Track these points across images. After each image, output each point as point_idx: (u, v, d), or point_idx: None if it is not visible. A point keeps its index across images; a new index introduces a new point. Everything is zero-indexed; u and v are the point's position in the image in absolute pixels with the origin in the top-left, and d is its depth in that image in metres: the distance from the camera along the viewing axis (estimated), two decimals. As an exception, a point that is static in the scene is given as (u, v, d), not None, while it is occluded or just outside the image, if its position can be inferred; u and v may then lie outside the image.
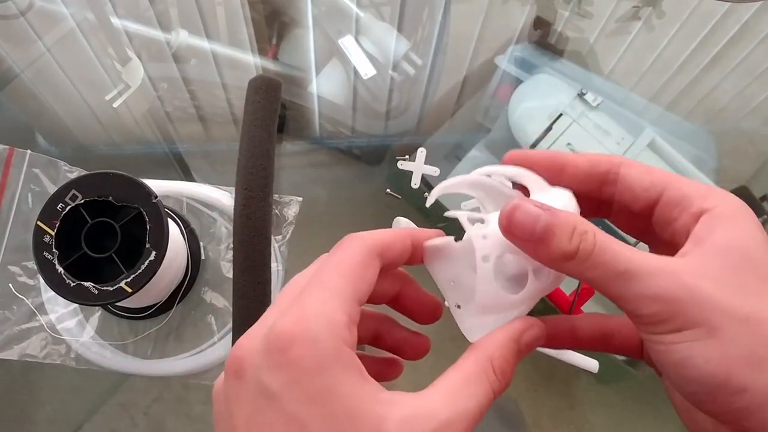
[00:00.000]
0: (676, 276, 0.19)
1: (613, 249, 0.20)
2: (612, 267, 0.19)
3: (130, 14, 0.62)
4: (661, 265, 0.19)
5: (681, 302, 0.19)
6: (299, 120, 0.63)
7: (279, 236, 0.47)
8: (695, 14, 0.65)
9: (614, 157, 0.23)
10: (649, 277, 0.19)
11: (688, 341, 0.18)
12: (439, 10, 0.65)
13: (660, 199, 0.22)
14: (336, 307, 0.19)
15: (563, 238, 0.20)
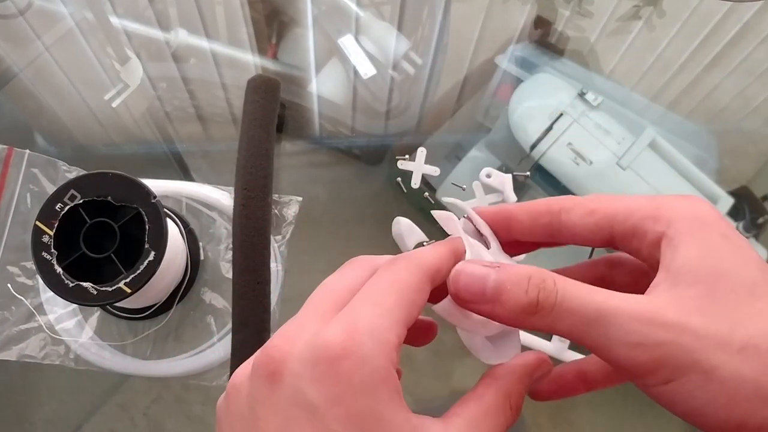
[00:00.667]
0: (655, 318, 0.17)
1: (579, 294, 0.18)
2: (582, 314, 0.18)
3: (129, 13, 0.61)
4: (634, 307, 0.18)
5: (667, 347, 0.17)
6: (299, 120, 0.63)
7: (279, 236, 0.47)
8: (696, 14, 0.65)
9: (552, 202, 0.22)
10: (627, 321, 0.17)
11: (686, 392, 0.17)
12: (440, 10, 0.64)
13: (612, 237, 0.20)
14: (389, 327, 0.18)
15: (518, 291, 0.18)
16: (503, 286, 0.19)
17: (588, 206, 0.21)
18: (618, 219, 0.20)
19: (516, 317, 0.19)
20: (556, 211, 0.21)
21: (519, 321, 0.19)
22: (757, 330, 0.17)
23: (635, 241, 0.20)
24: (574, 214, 0.21)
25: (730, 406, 0.16)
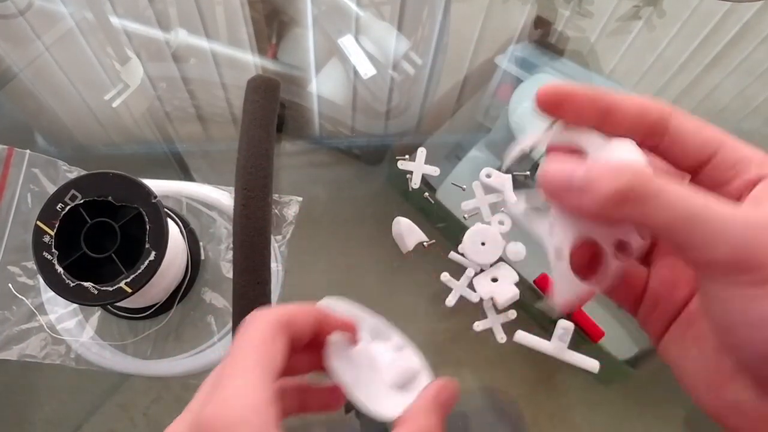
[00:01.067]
0: (757, 220, 0.17)
1: (676, 189, 0.17)
2: (684, 207, 0.17)
3: (129, 13, 0.61)
4: (736, 209, 0.17)
5: (765, 248, 0.16)
6: (299, 120, 0.63)
7: (279, 236, 0.47)
8: (696, 14, 0.65)
9: (663, 104, 0.20)
10: (729, 219, 0.17)
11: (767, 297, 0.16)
12: (440, 10, 0.64)
13: (712, 159, 0.20)
14: (254, 386, 0.19)
15: (610, 177, 0.17)
16: (594, 173, 0.18)
17: (699, 121, 0.20)
18: (728, 146, 0.19)
19: (607, 204, 0.17)
20: (667, 112, 0.20)
21: (610, 208, 0.18)
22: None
23: (732, 172, 0.19)
24: (686, 123, 0.20)
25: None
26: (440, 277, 0.47)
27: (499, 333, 0.46)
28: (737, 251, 0.16)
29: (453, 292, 0.47)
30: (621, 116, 0.20)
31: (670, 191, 0.17)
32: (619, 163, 0.18)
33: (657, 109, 0.20)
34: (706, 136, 0.20)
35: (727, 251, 0.17)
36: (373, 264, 0.55)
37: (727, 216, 0.17)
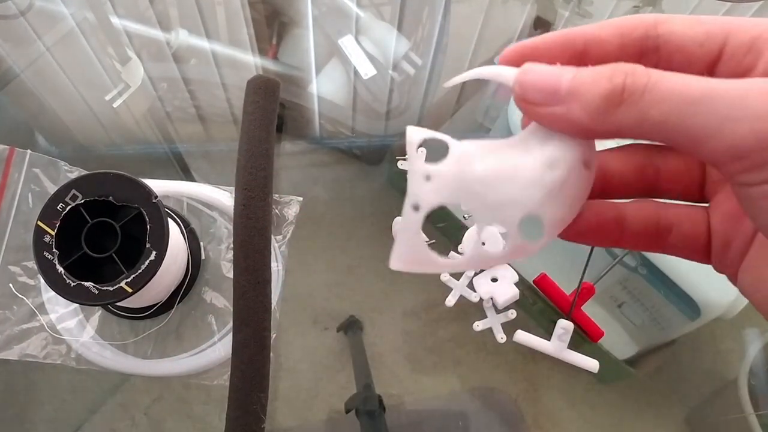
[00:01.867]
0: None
1: (674, 77, 0.15)
2: (685, 93, 0.14)
3: (130, 14, 0.62)
4: (754, 84, 0.14)
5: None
6: (299, 120, 0.63)
7: (279, 236, 0.47)
8: (695, 14, 0.65)
9: (643, 16, 0.17)
10: (744, 96, 0.14)
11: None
12: (439, 10, 0.65)
13: (723, 51, 0.16)
14: None
15: (600, 79, 0.15)
16: (581, 78, 0.15)
17: (692, 17, 0.17)
18: (736, 29, 0.16)
19: (598, 113, 0.15)
20: (651, 22, 0.17)
21: (601, 119, 0.15)
22: None
23: (750, 56, 0.16)
24: (676, 24, 0.17)
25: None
26: (440, 277, 0.47)
27: (499, 333, 0.46)
28: (763, 128, 0.14)
29: (453, 292, 0.47)
30: (602, 50, 0.18)
31: (667, 79, 0.15)
32: (608, 65, 0.15)
33: (639, 24, 0.17)
34: (705, 29, 0.17)
35: (746, 130, 0.14)
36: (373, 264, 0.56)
37: (739, 90, 0.14)
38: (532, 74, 0.16)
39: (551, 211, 0.17)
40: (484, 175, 0.17)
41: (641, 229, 0.19)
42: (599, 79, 0.15)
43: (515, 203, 0.17)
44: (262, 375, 0.38)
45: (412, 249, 0.18)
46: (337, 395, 0.54)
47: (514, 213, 0.17)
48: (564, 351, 0.45)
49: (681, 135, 0.15)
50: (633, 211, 0.19)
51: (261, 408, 0.38)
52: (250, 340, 0.39)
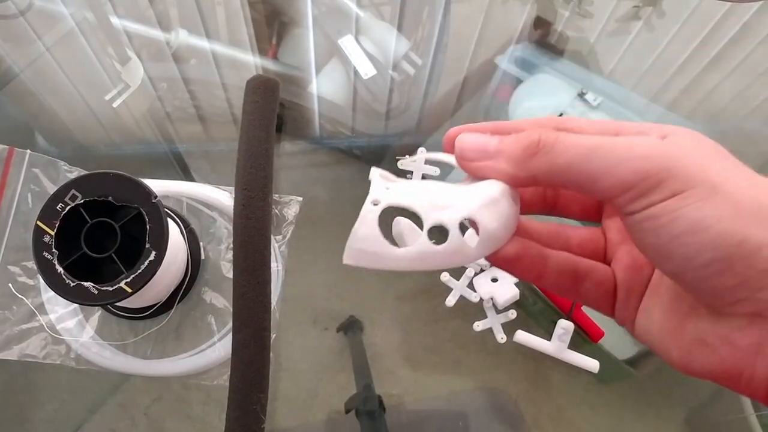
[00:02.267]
0: (659, 142, 0.18)
1: (579, 135, 0.19)
2: (583, 144, 0.18)
3: (130, 14, 0.62)
4: (637, 138, 0.18)
5: (675, 160, 0.17)
6: (299, 120, 0.63)
7: (279, 236, 0.47)
8: (696, 14, 0.65)
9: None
10: (633, 143, 0.18)
11: (693, 203, 0.17)
12: (440, 10, 0.65)
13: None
14: None
15: (521, 138, 0.20)
16: (506, 140, 0.20)
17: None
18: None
19: (518, 162, 0.19)
20: (560, 121, 0.21)
21: (521, 167, 0.20)
22: (757, 177, 0.18)
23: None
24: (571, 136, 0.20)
25: (734, 219, 0.16)
26: (440, 277, 0.47)
27: (499, 333, 0.46)
28: (643, 166, 0.17)
29: (453, 292, 0.47)
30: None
31: (572, 137, 0.19)
32: (526, 130, 0.20)
33: (551, 119, 0.22)
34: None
35: (632, 168, 0.17)
36: (373, 264, 0.55)
37: (626, 142, 0.18)
38: (468, 137, 0.21)
39: (486, 220, 0.20)
40: (434, 187, 0.22)
41: (560, 271, 0.22)
42: (520, 138, 0.20)
43: (457, 206, 0.20)
44: (262, 375, 0.38)
45: (366, 244, 0.22)
46: (337, 395, 0.54)
47: (456, 214, 0.20)
48: (564, 351, 0.45)
49: (582, 176, 0.18)
50: (554, 255, 0.23)
51: (261, 408, 0.38)
52: (250, 340, 0.39)
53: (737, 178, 0.17)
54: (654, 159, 0.17)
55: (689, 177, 0.17)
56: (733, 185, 0.17)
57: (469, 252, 0.20)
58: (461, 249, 0.20)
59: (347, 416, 0.51)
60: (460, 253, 0.20)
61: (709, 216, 0.16)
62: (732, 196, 0.17)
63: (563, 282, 0.22)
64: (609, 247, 0.24)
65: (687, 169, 0.17)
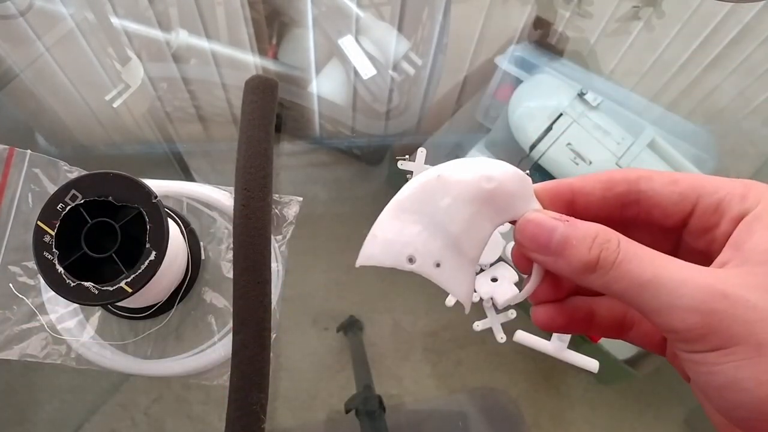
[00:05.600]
0: (713, 286, 0.17)
1: (639, 256, 0.18)
2: (637, 276, 0.18)
3: (130, 14, 0.62)
4: (693, 274, 0.17)
5: (720, 315, 0.16)
6: (299, 120, 0.63)
7: (279, 236, 0.47)
8: (696, 15, 0.65)
9: (629, 172, 0.21)
10: (681, 286, 0.17)
11: (733, 361, 0.16)
12: (440, 10, 0.65)
13: (694, 210, 0.20)
14: None
15: (582, 248, 0.19)
16: (569, 240, 0.19)
17: (670, 176, 0.20)
18: (706, 190, 0.20)
19: (576, 273, 0.19)
20: (633, 180, 0.21)
21: (578, 276, 0.19)
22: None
23: (715, 216, 0.19)
24: (656, 183, 0.20)
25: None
26: (440, 277, 0.47)
27: (499, 333, 0.46)
28: (687, 318, 0.17)
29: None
30: (586, 199, 0.21)
31: (628, 260, 0.18)
32: (591, 232, 0.19)
33: (621, 179, 0.21)
34: (679, 191, 0.20)
35: (679, 318, 0.17)
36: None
37: (677, 282, 0.17)
38: (532, 225, 0.20)
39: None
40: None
41: (607, 324, 0.23)
42: (581, 248, 0.19)
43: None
44: (262, 375, 0.38)
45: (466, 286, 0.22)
46: (337, 395, 0.54)
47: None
48: (564, 351, 0.45)
49: (635, 307, 0.18)
50: (603, 310, 0.23)
51: (261, 408, 0.38)
52: (250, 340, 0.39)
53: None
54: (699, 311, 0.17)
55: (733, 334, 0.16)
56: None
57: None
58: None
59: (347, 416, 0.51)
60: None
61: (748, 378, 0.16)
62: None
63: (609, 332, 0.23)
64: None
65: (732, 326, 0.16)
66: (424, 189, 0.22)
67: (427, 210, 0.22)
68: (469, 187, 0.21)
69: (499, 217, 0.22)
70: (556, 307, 0.23)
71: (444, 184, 0.21)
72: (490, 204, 0.21)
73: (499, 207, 0.21)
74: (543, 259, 0.20)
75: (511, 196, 0.21)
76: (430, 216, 0.22)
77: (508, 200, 0.21)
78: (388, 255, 0.22)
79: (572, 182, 0.21)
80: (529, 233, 0.20)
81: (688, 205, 0.20)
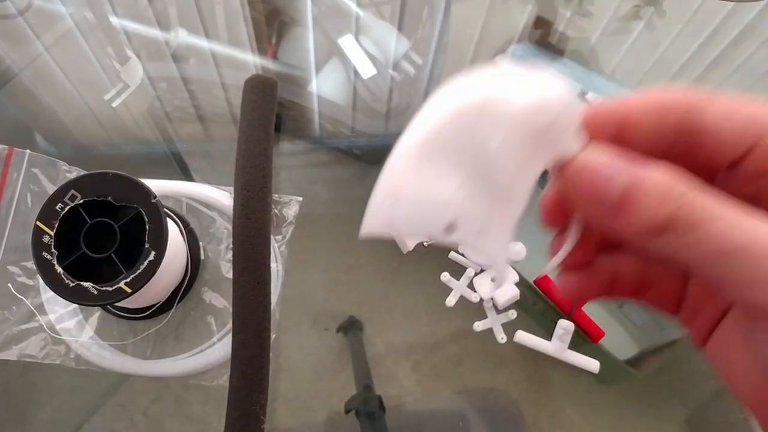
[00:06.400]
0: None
1: (723, 216, 0.15)
2: (721, 242, 0.14)
3: (129, 13, 0.61)
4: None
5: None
6: (299, 120, 0.63)
7: (279, 236, 0.47)
8: (697, 14, 0.65)
9: (685, 96, 0.17)
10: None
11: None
12: (440, 9, 0.64)
13: (753, 149, 0.16)
14: None
15: (652, 203, 0.15)
16: (636, 191, 0.15)
17: (728, 106, 0.17)
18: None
19: (640, 234, 0.15)
20: (686, 109, 0.17)
21: (642, 238, 0.15)
22: None
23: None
24: (712, 115, 0.17)
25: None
26: (440, 277, 0.47)
27: (499, 333, 0.46)
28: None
29: (453, 292, 0.47)
30: (635, 129, 0.17)
31: (708, 222, 0.15)
32: (664, 183, 0.15)
33: (679, 105, 0.17)
34: (741, 124, 0.16)
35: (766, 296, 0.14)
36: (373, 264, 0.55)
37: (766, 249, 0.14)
38: (587, 172, 0.16)
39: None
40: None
41: (628, 284, 0.20)
42: (651, 203, 0.15)
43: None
44: (261, 375, 0.38)
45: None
46: (337, 396, 0.54)
47: None
48: (565, 351, 0.45)
49: (712, 277, 0.15)
50: (625, 268, 0.20)
51: (261, 408, 0.37)
52: (249, 341, 0.39)
53: None
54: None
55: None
56: None
57: None
58: None
59: (347, 416, 0.51)
60: None
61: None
62: None
63: (626, 293, 0.20)
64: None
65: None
66: (463, 120, 0.16)
67: (467, 152, 0.16)
68: (524, 121, 0.16)
69: (547, 156, 0.16)
70: (588, 274, 0.19)
71: (491, 116, 0.16)
72: (543, 141, 0.16)
73: (550, 143, 0.16)
74: (597, 213, 0.16)
75: (565, 128, 0.16)
76: (471, 161, 0.16)
77: (560, 134, 0.16)
78: (419, 221, 0.16)
79: (624, 107, 0.17)
80: (586, 180, 0.16)
81: (746, 144, 0.16)
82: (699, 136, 0.17)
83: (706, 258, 0.15)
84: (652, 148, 0.17)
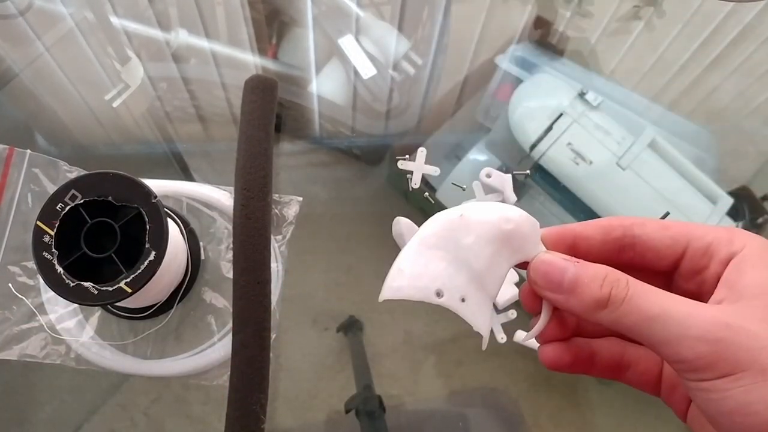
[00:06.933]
0: (717, 317, 0.18)
1: (646, 292, 0.20)
2: (646, 310, 0.19)
3: (130, 14, 0.62)
4: (698, 307, 0.19)
5: (727, 343, 0.18)
6: (299, 120, 0.63)
7: (279, 236, 0.47)
8: (697, 14, 0.65)
9: (624, 218, 0.23)
10: (688, 318, 0.19)
11: (742, 386, 0.17)
12: (440, 10, 0.64)
13: (685, 253, 0.22)
14: None
15: (593, 286, 0.20)
16: (581, 279, 0.21)
17: (661, 222, 0.22)
18: (695, 235, 0.21)
19: (587, 310, 0.20)
20: (628, 225, 0.22)
21: (589, 313, 0.20)
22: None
23: (705, 258, 0.21)
24: (648, 228, 0.22)
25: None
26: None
27: (499, 333, 0.46)
28: (695, 347, 0.18)
29: (453, 292, 0.46)
30: (586, 242, 0.23)
31: (637, 296, 0.20)
32: (601, 272, 0.21)
33: (617, 225, 0.23)
34: (671, 235, 0.22)
35: (687, 348, 0.18)
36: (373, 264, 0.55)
37: (683, 314, 0.19)
38: (543, 267, 0.22)
39: None
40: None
41: (606, 365, 0.25)
42: (593, 286, 0.20)
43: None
44: (261, 375, 0.38)
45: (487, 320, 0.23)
46: (337, 395, 0.54)
47: None
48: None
49: (644, 339, 0.20)
50: (602, 350, 0.25)
51: (261, 408, 0.37)
52: (249, 341, 0.39)
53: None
54: (706, 340, 0.18)
55: (739, 361, 0.18)
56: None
57: None
58: None
59: (347, 416, 0.51)
60: None
61: (756, 401, 0.17)
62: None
63: (607, 372, 0.25)
64: None
65: (737, 353, 0.18)
66: (448, 227, 0.23)
67: (450, 247, 0.23)
68: (491, 227, 0.23)
69: (513, 257, 0.23)
70: (563, 346, 0.24)
71: (467, 223, 0.23)
72: (507, 244, 0.23)
73: (514, 248, 0.23)
74: (555, 297, 0.21)
75: (524, 238, 0.23)
76: (453, 253, 0.23)
77: (521, 242, 0.23)
78: (416, 289, 0.23)
79: (574, 227, 0.23)
80: (543, 272, 0.22)
81: (679, 249, 0.22)
82: (642, 245, 0.22)
83: (636, 324, 0.19)
84: (601, 258, 0.22)
